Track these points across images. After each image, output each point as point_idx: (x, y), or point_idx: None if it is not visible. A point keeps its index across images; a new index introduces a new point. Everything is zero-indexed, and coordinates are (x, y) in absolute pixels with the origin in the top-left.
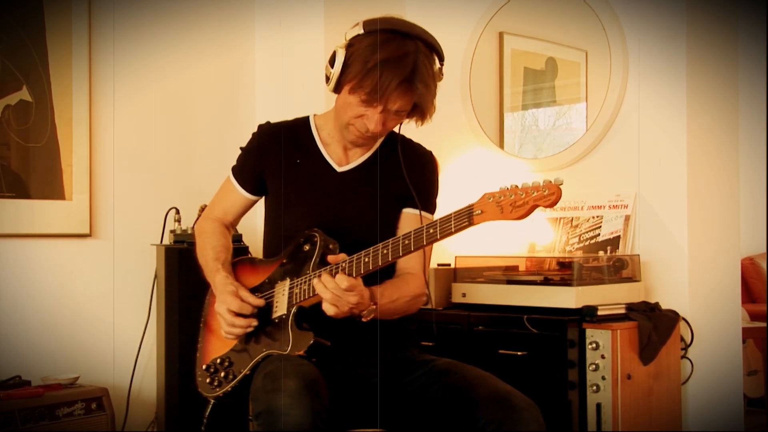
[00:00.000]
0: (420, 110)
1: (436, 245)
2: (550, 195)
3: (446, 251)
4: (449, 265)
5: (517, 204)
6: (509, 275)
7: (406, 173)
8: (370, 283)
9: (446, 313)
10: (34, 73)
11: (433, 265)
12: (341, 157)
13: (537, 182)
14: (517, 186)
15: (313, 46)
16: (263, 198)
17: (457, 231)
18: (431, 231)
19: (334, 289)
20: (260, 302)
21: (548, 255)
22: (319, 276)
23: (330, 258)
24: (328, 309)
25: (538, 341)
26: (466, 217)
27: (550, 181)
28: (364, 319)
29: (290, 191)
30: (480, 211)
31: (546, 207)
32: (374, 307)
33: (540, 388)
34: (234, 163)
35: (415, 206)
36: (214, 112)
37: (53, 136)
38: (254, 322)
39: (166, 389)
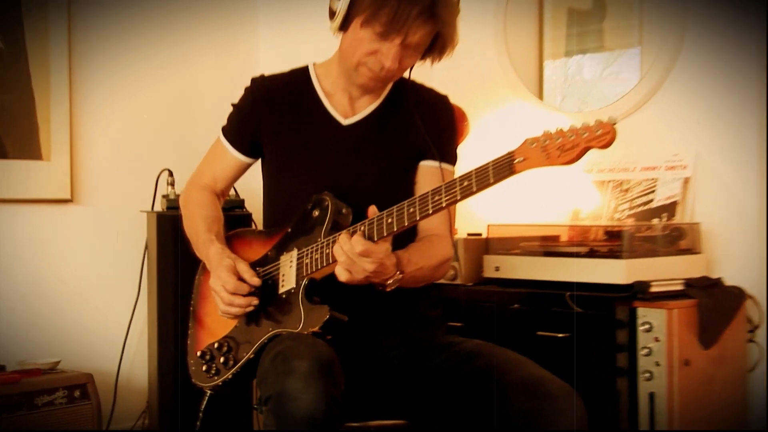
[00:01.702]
0: (441, 42)
1: (466, 212)
2: (603, 135)
3: (477, 219)
4: (480, 234)
5: (565, 147)
6: (549, 246)
7: (421, 121)
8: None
9: (477, 289)
10: (5, 14)
11: (461, 234)
12: (346, 108)
13: (587, 122)
14: (562, 129)
15: None
16: (259, 162)
17: (496, 181)
18: (466, 183)
19: (349, 252)
20: (257, 282)
21: (594, 223)
22: (336, 240)
23: (371, 211)
24: (340, 274)
25: (582, 321)
26: (506, 166)
27: (602, 121)
28: (387, 289)
29: (290, 151)
30: (522, 158)
31: (600, 148)
32: (400, 276)
33: (584, 375)
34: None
35: (433, 157)
36: (213, 62)
37: (27, 87)
38: (255, 301)
39: (159, 376)
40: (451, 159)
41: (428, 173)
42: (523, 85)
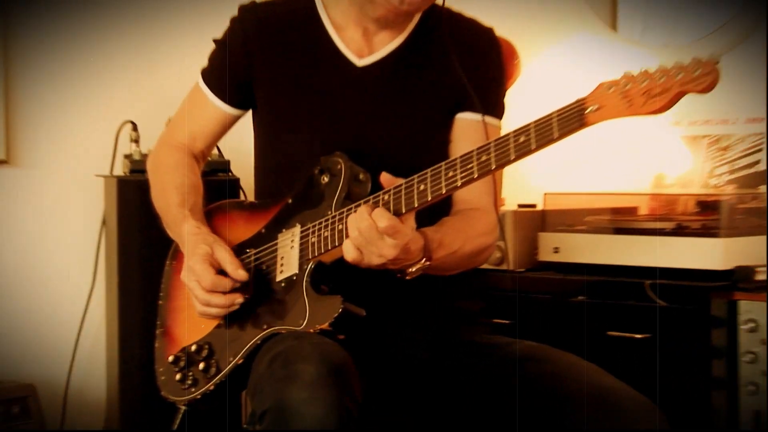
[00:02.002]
0: None
1: (515, 177)
2: (703, 76)
3: (530, 186)
4: (534, 206)
5: (653, 92)
6: (624, 221)
7: (458, 61)
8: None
9: (529, 276)
10: None
11: (510, 205)
12: (361, 45)
13: (680, 61)
14: (647, 70)
15: None
16: (249, 114)
17: (561, 137)
18: (522, 139)
19: (367, 230)
20: (242, 276)
21: (684, 191)
22: (353, 212)
23: (384, 177)
24: (348, 251)
25: (667, 318)
26: (575, 117)
27: (700, 58)
28: (408, 277)
29: (290, 100)
30: (596, 106)
31: (699, 92)
32: (426, 264)
33: (669, 387)
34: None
35: (473, 108)
36: None
37: None
38: (239, 299)
39: (121, 387)
40: (497, 110)
41: (468, 129)
42: (592, 11)
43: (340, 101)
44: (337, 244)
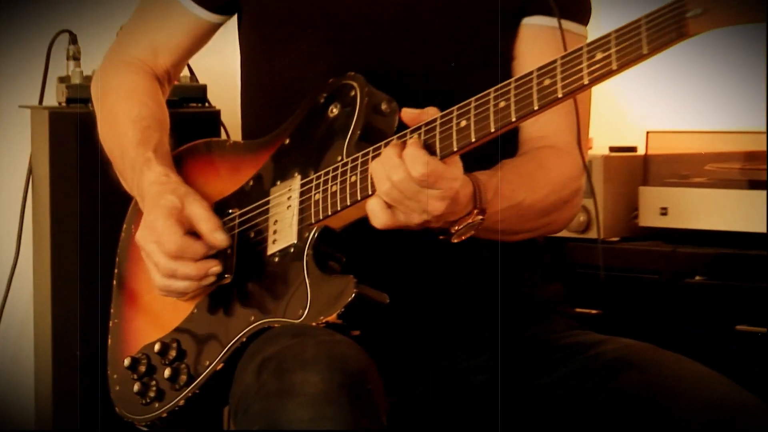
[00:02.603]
0: None
1: (606, 111)
2: None
3: (627, 122)
4: (634, 149)
5: None
6: (762, 171)
7: None
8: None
9: (627, 248)
10: None
11: (599, 149)
12: None
13: None
14: None
15: None
16: (232, 23)
17: (652, 51)
18: (599, 56)
19: (401, 180)
20: (221, 240)
21: None
22: (376, 155)
23: (405, 114)
24: (378, 213)
25: None
26: (671, 23)
27: None
28: (455, 238)
29: (289, 3)
30: (700, 10)
31: None
32: (479, 218)
33: None
34: None
35: (545, 11)
36: None
37: None
38: (215, 267)
39: (55, 392)
40: (581, 12)
41: (538, 39)
42: None
43: (357, 2)
44: (349, 202)
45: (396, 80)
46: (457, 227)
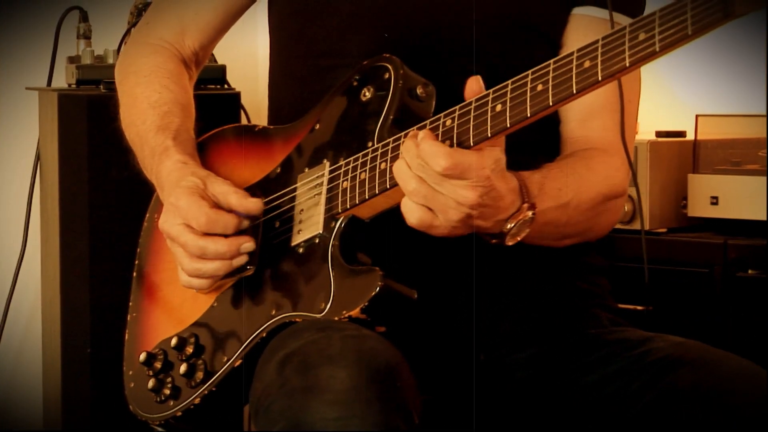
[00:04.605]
0: None
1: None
2: None
3: (675, 106)
4: (683, 134)
5: None
6: None
7: None
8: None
9: (675, 240)
10: None
11: (645, 134)
12: None
13: None
14: None
15: None
16: (255, 5)
17: (698, 32)
18: (642, 37)
19: (426, 172)
20: (253, 206)
21: None
22: (400, 143)
23: (471, 88)
24: (411, 211)
25: None
26: (718, 2)
27: None
28: (509, 240)
29: None
30: None
31: None
32: (530, 214)
33: None
34: None
35: (598, 2)
36: None
37: None
38: (248, 244)
39: (64, 390)
40: (633, 5)
41: (588, 30)
42: None
43: None
44: (378, 191)
45: (436, 64)
46: (509, 225)
